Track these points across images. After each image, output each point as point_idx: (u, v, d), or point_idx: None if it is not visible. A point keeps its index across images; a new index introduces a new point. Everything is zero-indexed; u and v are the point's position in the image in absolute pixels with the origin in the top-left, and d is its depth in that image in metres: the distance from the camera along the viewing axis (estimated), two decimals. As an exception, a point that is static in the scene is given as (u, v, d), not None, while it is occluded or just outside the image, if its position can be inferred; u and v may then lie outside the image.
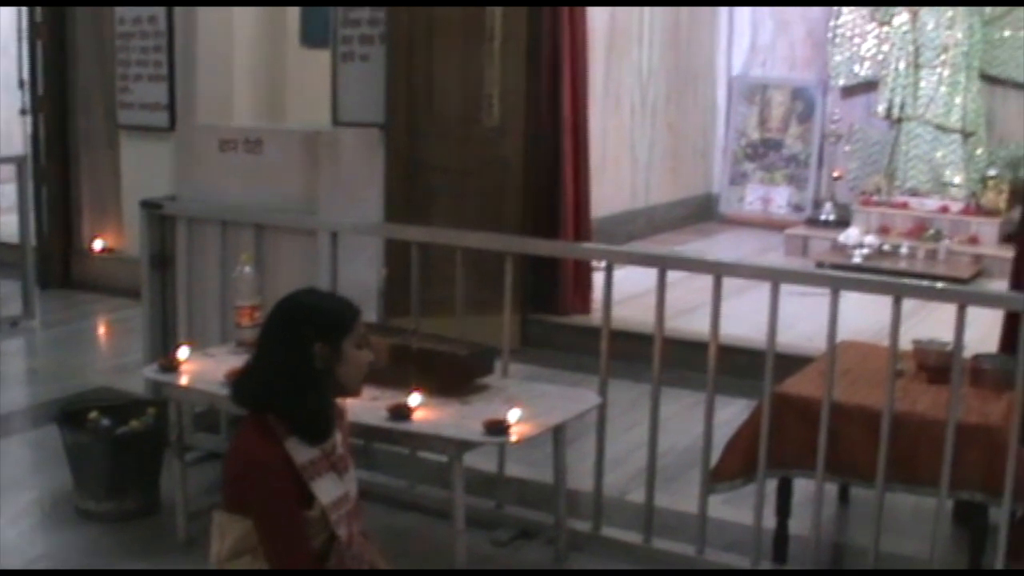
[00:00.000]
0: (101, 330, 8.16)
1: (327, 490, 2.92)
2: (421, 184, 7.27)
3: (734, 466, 4.31)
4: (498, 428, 3.78)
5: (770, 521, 4.37)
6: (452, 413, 3.98)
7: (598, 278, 7.37)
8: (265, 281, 5.11)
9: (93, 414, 4.81)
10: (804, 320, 6.15)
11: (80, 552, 4.52)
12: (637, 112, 10.40)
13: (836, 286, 4.00)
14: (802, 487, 4.38)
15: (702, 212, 11.53)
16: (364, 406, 4.01)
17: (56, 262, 9.07)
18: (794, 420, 4.17)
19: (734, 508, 4.69)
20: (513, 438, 3.79)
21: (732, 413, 5.37)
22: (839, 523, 4.85)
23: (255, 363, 3.04)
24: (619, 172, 10.23)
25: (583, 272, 7.72)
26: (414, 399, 3.98)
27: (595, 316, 7.48)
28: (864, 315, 5.89)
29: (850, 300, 4.22)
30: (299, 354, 2.92)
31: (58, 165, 9.04)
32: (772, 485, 4.36)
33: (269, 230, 5.18)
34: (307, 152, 5.13)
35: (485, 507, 4.75)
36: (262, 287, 5.05)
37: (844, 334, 4.88)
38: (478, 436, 3.78)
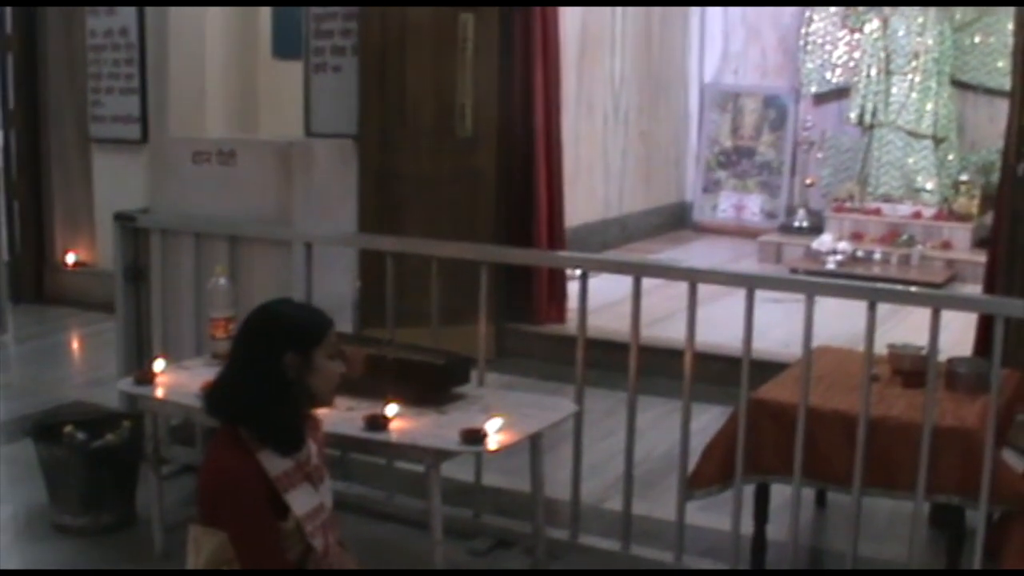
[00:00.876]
0: (74, 344, 8.12)
1: (302, 501, 2.91)
2: (394, 195, 7.25)
3: (711, 473, 4.31)
4: (475, 437, 3.77)
5: (748, 527, 4.37)
6: (429, 423, 3.97)
7: (573, 287, 7.39)
8: (240, 293, 5.09)
9: (68, 428, 4.78)
10: (778, 327, 6.18)
11: (56, 566, 4.49)
12: (610, 120, 10.42)
13: (811, 291, 4.02)
14: (779, 492, 4.38)
15: (675, 220, 11.56)
16: (340, 416, 4.00)
17: (28, 276, 9.02)
18: (770, 425, 4.17)
19: (711, 514, 4.69)
20: (491, 447, 3.79)
21: (707, 420, 5.38)
22: (817, 528, 4.87)
23: (226, 373, 3.02)
24: (592, 181, 10.24)
25: (557, 281, 7.73)
26: (390, 409, 3.97)
27: (570, 325, 7.48)
28: (838, 321, 5.91)
29: (824, 307, 4.24)
30: (269, 364, 2.90)
31: (30, 179, 9.00)
32: (749, 491, 4.37)
33: (243, 242, 5.17)
34: (281, 164, 5.12)
35: (463, 517, 4.74)
36: (237, 299, 5.04)
37: (818, 340, 4.88)
38: (455, 445, 3.77)
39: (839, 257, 9.33)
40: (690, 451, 4.40)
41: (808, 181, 10.74)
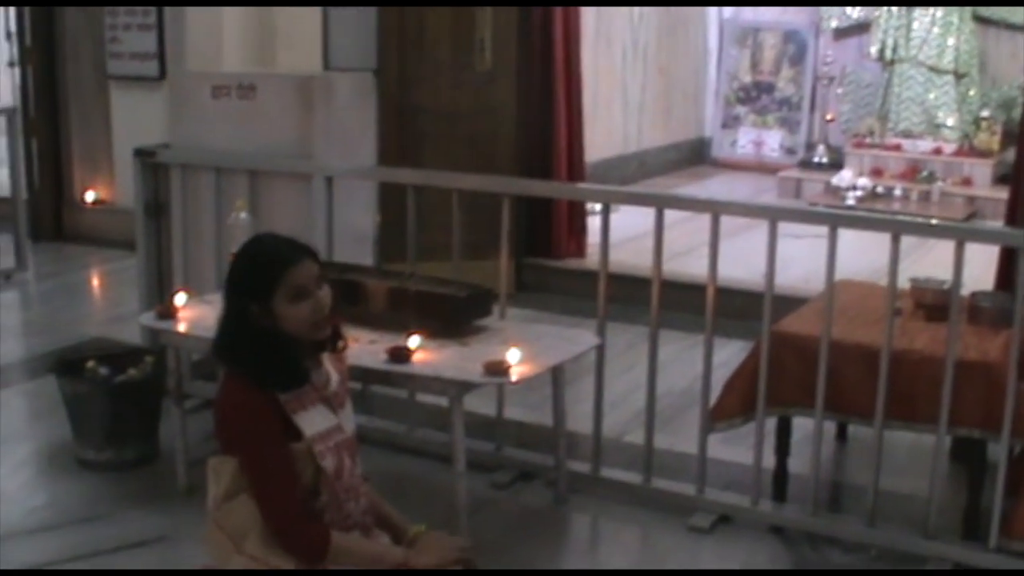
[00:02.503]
0: (95, 281, 8.13)
1: (313, 421, 2.88)
2: (414, 129, 7.23)
3: (733, 405, 4.32)
4: (498, 369, 3.77)
5: (769, 460, 4.38)
6: (451, 355, 3.97)
7: (593, 222, 7.37)
8: (260, 227, 5.09)
9: (91, 363, 4.80)
10: (799, 262, 6.16)
11: (80, 501, 4.52)
12: (629, 55, 10.34)
13: (834, 223, 3.99)
14: (801, 426, 4.39)
15: (694, 156, 11.51)
16: (363, 349, 4.02)
17: (47, 215, 9.02)
18: (792, 359, 4.17)
19: (732, 448, 4.72)
20: (513, 378, 3.79)
21: (728, 354, 5.38)
22: (837, 461, 4.89)
23: (219, 320, 3.00)
24: (611, 116, 10.19)
25: (578, 216, 7.72)
26: (413, 341, 3.98)
27: (591, 260, 7.47)
28: (858, 257, 5.90)
29: (845, 242, 4.21)
30: (239, 315, 2.87)
31: (47, 117, 8.98)
32: (771, 424, 4.37)
33: (263, 176, 5.16)
34: (301, 97, 5.10)
35: (484, 450, 4.75)
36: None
37: (840, 274, 4.88)
38: (478, 377, 3.77)
39: (859, 193, 9.28)
40: (712, 385, 4.41)
41: (828, 117, 10.67)
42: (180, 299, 4.51)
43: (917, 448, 4.68)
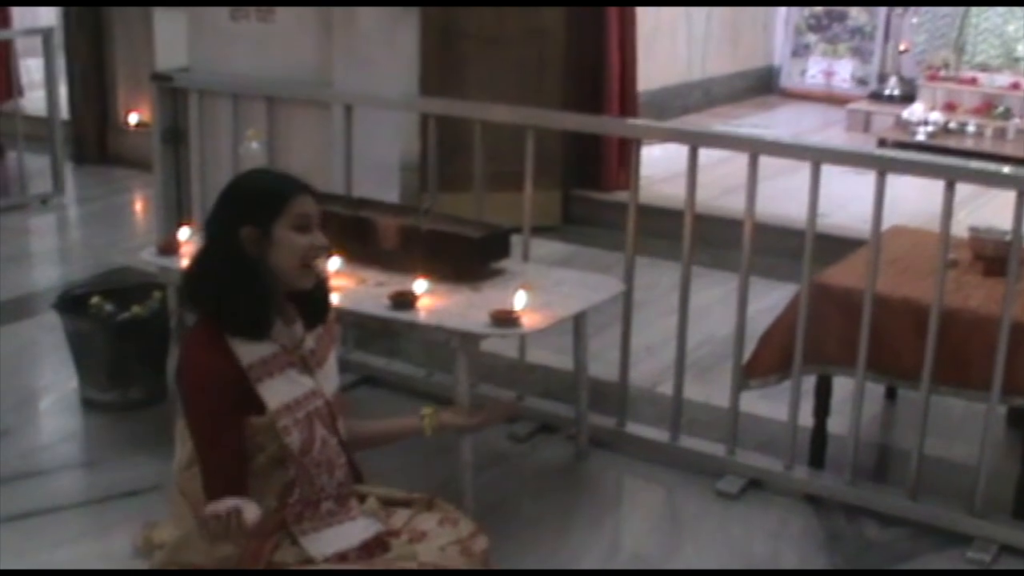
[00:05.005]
0: (133, 206, 7.92)
1: (280, 391, 2.61)
2: (457, 54, 6.91)
3: (769, 361, 3.99)
4: (507, 319, 3.47)
5: (808, 420, 4.06)
6: (460, 301, 3.67)
7: (647, 152, 7.01)
8: (278, 157, 4.84)
9: (96, 299, 4.57)
10: (859, 200, 5.72)
11: (78, 444, 4.35)
12: (694, -21, 9.90)
13: (882, 167, 3.62)
14: (845, 384, 4.04)
15: (762, 85, 11.04)
16: (367, 292, 3.75)
17: (90, 137, 8.81)
18: (834, 313, 3.83)
19: (771, 403, 4.37)
20: (524, 328, 3.49)
21: (778, 297, 5.01)
22: (884, 423, 4.55)
23: (194, 254, 2.73)
24: (674, 42, 9.78)
25: (628, 146, 7.34)
26: (419, 285, 3.69)
27: (642, 193, 7.11)
28: (921, 198, 5.43)
29: (906, 181, 3.86)
30: (227, 240, 2.59)
31: (90, 38, 8.74)
32: (811, 383, 4.04)
33: (282, 103, 4.87)
34: (321, 20, 4.79)
35: (505, 398, 4.48)
36: (274, 164, 4.78)
37: (899, 218, 4.54)
38: (483, 327, 3.47)
39: (930, 128, 8.80)
40: (754, 334, 4.10)
41: (901, 47, 10.17)
42: (184, 233, 4.25)
43: (971, 411, 4.31)
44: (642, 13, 8.72)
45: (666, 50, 9.58)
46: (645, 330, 4.95)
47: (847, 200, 5.99)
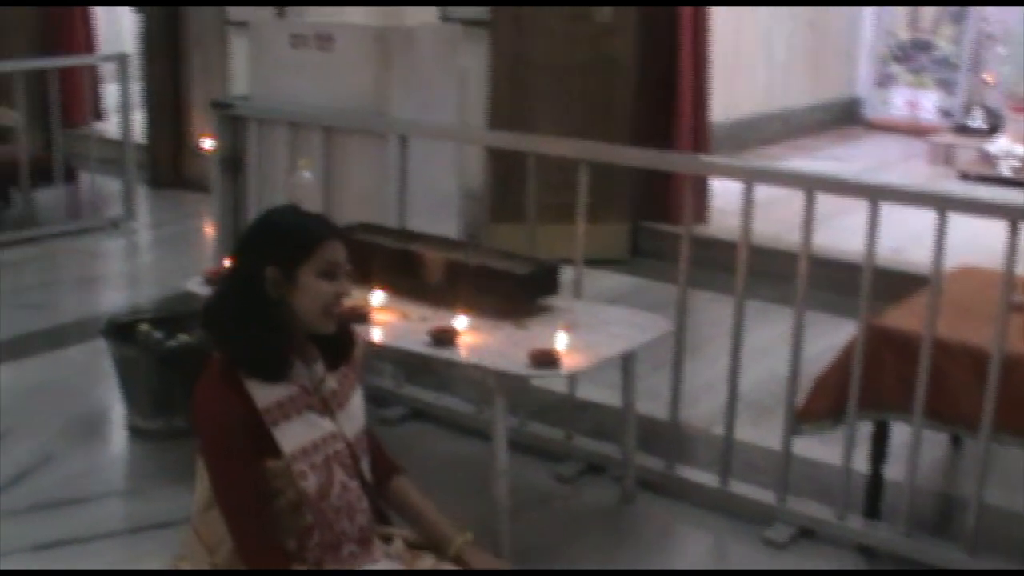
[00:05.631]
0: (203, 232, 7.93)
1: (296, 434, 2.53)
2: (527, 82, 6.86)
3: (823, 406, 3.84)
4: (546, 360, 3.37)
5: (862, 464, 3.90)
6: (502, 339, 3.58)
7: (718, 185, 6.89)
8: (333, 187, 4.80)
9: (144, 327, 4.55)
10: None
11: (119, 472, 4.37)
12: (774, 8, 9.72)
13: (941, 206, 3.48)
14: (904, 429, 3.87)
15: (844, 116, 10.82)
16: (408, 327, 3.68)
17: (165, 162, 8.88)
18: (891, 356, 3.68)
19: (829, 448, 4.19)
20: (563, 371, 3.39)
21: (846, 337, 4.85)
22: (948, 471, 4.36)
23: (216, 288, 2.66)
24: (753, 72, 9.63)
25: (699, 177, 7.22)
26: (460, 321, 3.61)
27: (712, 226, 7.01)
28: (999, 236, 5.31)
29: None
30: (250, 278, 2.52)
31: (168, 63, 8.82)
32: (868, 427, 3.89)
33: (338, 133, 4.83)
34: (378, 49, 4.75)
35: (553, 437, 4.38)
36: (329, 194, 4.75)
37: (981, 254, 4.36)
38: (522, 368, 3.37)
39: (1014, 162, 8.55)
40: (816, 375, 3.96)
41: (987, 78, 9.92)
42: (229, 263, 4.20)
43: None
44: (720, 40, 8.62)
45: (745, 79, 9.44)
46: (707, 368, 4.84)
47: (924, 234, 5.80)
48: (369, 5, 5.00)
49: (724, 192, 4.94)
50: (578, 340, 3.53)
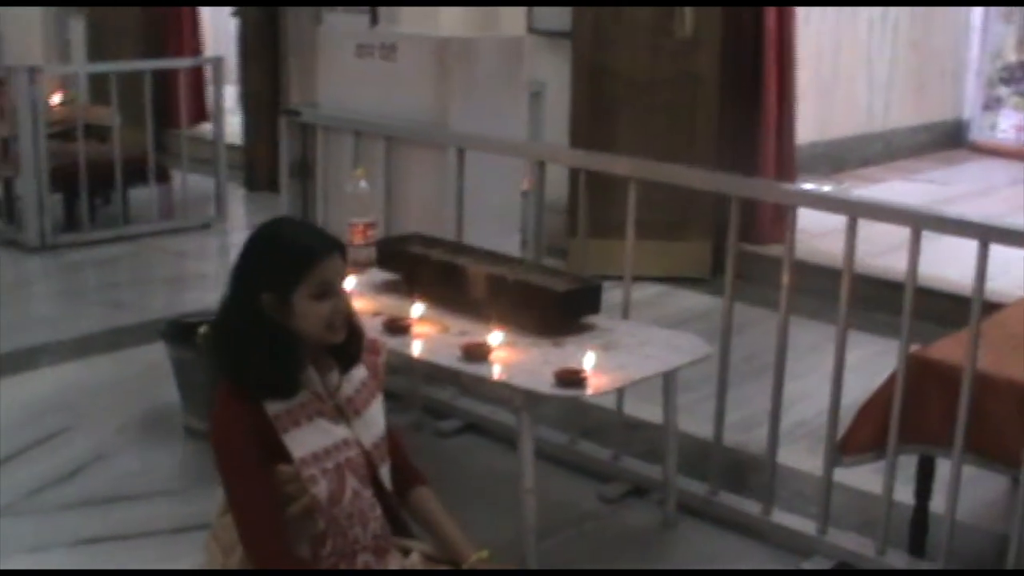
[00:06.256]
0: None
1: (306, 440, 2.53)
2: (608, 96, 6.81)
3: (865, 437, 3.73)
4: (572, 379, 3.32)
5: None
6: (536, 357, 3.54)
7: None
8: (395, 197, 4.82)
9: (203, 329, 4.59)
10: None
11: (170, 472, 4.42)
12: (876, 27, 9.52)
13: (984, 237, 3.35)
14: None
15: (949, 139, 10.54)
16: (445, 341, 3.66)
17: (262, 164, 8.98)
18: (935, 389, 3.56)
19: (881, 479, 4.10)
20: (589, 391, 3.34)
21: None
22: (1001, 507, 4.21)
23: (218, 310, 2.65)
24: (853, 91, 9.44)
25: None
26: (494, 338, 3.58)
27: (798, 248, 6.85)
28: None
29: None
30: (247, 303, 2.52)
31: (265, 66, 8.95)
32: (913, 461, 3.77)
33: (400, 143, 4.85)
34: (438, 61, 4.75)
35: (600, 457, 4.33)
36: (391, 204, 4.76)
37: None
38: (547, 387, 3.33)
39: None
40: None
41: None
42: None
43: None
44: (816, 59, 8.50)
45: (845, 98, 9.28)
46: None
47: (1010, 262, 5.63)
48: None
49: (805, 212, 4.83)
50: (609, 361, 3.48)
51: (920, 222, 3.55)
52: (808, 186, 8.36)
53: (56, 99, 8.21)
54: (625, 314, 4.17)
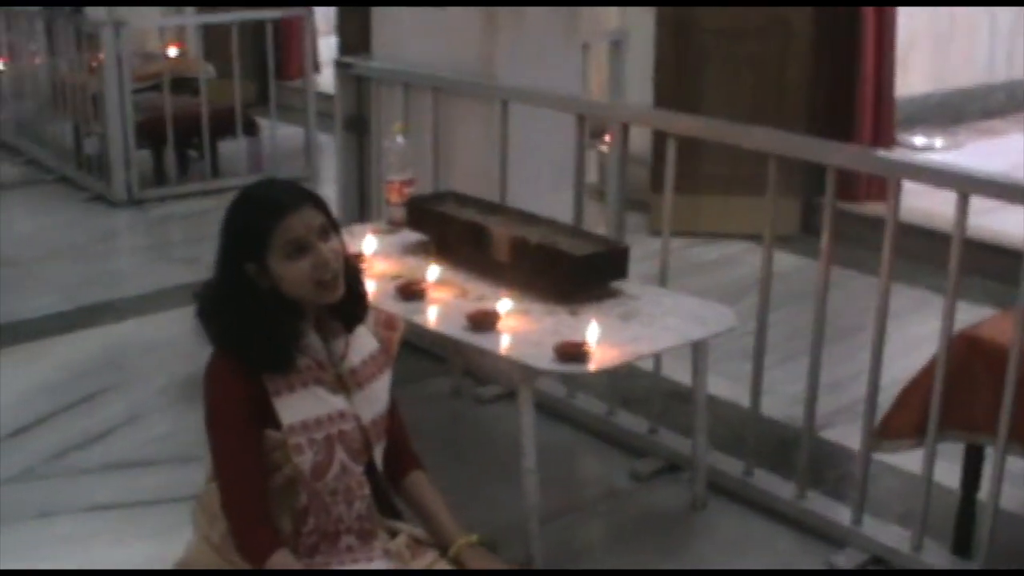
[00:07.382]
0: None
1: (298, 407, 2.42)
2: (694, 48, 6.51)
3: (906, 422, 3.42)
4: (572, 354, 3.09)
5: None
6: (547, 326, 3.31)
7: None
8: (441, 150, 4.63)
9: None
10: None
11: (194, 438, 4.24)
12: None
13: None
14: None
15: (1081, 91, 9.95)
16: (457, 307, 3.47)
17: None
18: (983, 371, 3.25)
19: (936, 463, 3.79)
20: (591, 367, 3.11)
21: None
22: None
23: (209, 281, 2.51)
24: (973, 40, 8.92)
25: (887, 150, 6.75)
26: (503, 305, 3.37)
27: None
28: None
29: None
30: (233, 276, 2.42)
31: (362, 18, 8.76)
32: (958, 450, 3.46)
33: (449, 96, 4.64)
34: (485, 11, 4.52)
35: (638, 430, 4.10)
36: (439, 160, 4.58)
37: None
38: (546, 362, 3.11)
39: None
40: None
41: None
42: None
43: None
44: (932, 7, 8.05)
45: (963, 48, 8.78)
46: (842, 363, 4.46)
47: None
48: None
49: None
50: (623, 332, 3.25)
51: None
52: (918, 140, 8.00)
53: (172, 52, 8.20)
54: (663, 280, 3.91)
